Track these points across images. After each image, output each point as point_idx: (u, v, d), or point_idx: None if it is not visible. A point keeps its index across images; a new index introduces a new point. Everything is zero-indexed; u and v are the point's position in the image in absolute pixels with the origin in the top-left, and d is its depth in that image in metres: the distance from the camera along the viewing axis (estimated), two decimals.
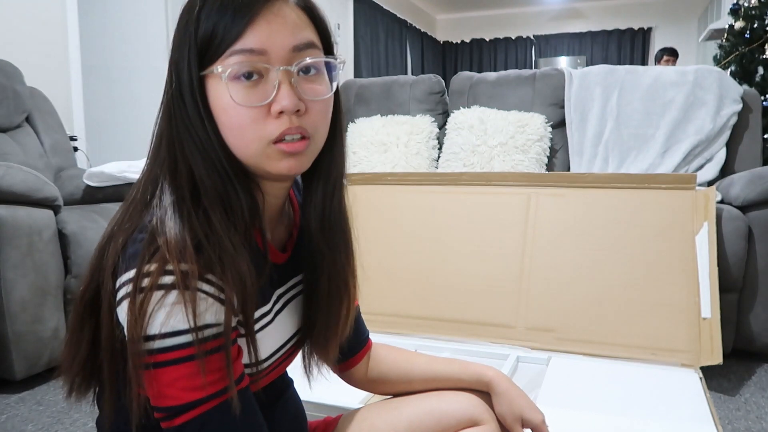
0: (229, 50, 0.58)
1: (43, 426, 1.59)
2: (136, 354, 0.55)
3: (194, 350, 0.55)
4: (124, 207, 0.63)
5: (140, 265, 0.55)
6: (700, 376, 1.50)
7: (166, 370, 0.55)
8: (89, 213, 2.06)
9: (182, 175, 0.61)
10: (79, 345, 0.65)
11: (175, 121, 0.61)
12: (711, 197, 1.79)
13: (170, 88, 0.61)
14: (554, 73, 2.74)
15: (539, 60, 8.70)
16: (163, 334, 0.54)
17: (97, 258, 0.63)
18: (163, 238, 0.56)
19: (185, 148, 0.61)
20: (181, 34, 0.61)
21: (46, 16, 2.90)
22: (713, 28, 4.90)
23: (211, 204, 0.60)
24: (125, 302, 0.55)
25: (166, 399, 0.56)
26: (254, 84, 0.59)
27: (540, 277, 1.82)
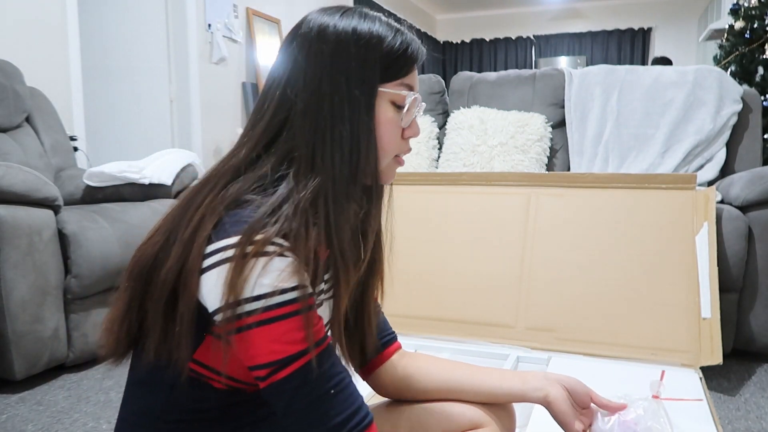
0: (399, 80, 0.73)
1: (43, 426, 1.59)
2: (236, 315, 0.60)
3: (299, 305, 0.62)
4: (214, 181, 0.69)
5: (249, 234, 0.61)
6: (700, 376, 1.50)
7: (275, 325, 0.61)
8: (89, 213, 2.06)
9: (308, 164, 0.68)
10: (126, 309, 0.70)
11: (333, 119, 0.69)
12: (711, 197, 1.79)
13: (336, 90, 0.70)
14: (554, 73, 2.74)
15: (539, 60, 8.69)
16: (272, 293, 0.61)
17: (171, 219, 0.69)
18: (271, 217, 0.64)
19: (333, 144, 0.69)
20: (362, 52, 0.71)
21: (46, 16, 2.90)
22: (713, 28, 4.90)
23: (332, 198, 0.69)
24: (225, 265, 0.61)
25: (272, 354, 0.62)
26: (402, 110, 0.74)
27: (540, 277, 1.82)
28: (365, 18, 0.73)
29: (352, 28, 0.71)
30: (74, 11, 3.05)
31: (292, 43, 0.73)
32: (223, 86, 4.22)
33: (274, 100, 0.71)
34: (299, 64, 0.71)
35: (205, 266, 0.63)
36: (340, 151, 0.69)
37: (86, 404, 1.73)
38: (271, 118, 0.71)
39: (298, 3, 5.14)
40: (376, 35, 0.72)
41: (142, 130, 3.91)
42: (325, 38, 0.71)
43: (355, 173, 0.70)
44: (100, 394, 1.79)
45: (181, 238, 0.65)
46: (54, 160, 2.52)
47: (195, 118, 3.96)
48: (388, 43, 0.72)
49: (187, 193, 0.71)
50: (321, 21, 0.72)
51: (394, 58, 0.72)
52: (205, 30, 4.02)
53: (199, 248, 0.63)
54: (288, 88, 0.71)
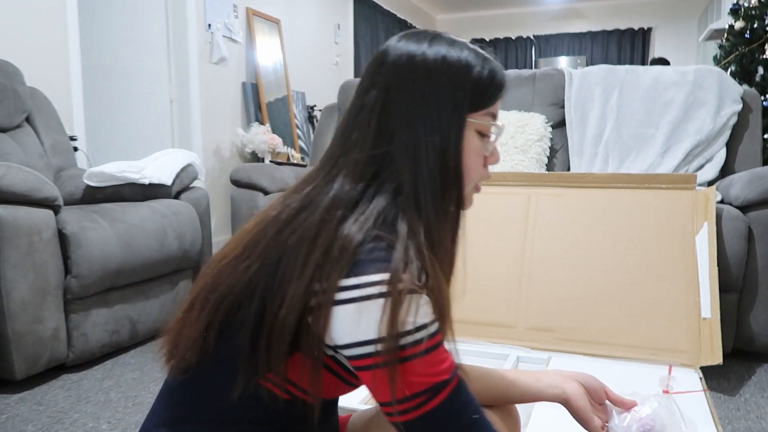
0: (485, 109, 0.73)
1: (43, 426, 1.59)
2: (391, 349, 0.62)
3: (440, 337, 0.66)
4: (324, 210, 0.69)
5: (397, 271, 0.63)
6: (700, 376, 1.50)
7: (428, 356, 0.64)
8: (89, 213, 2.06)
9: (414, 199, 0.70)
10: (205, 330, 0.69)
11: (427, 151, 0.70)
12: (711, 197, 1.79)
13: (428, 120, 0.70)
14: (554, 73, 2.74)
15: (539, 60, 8.69)
16: (425, 325, 0.64)
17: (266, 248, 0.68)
18: (406, 256, 0.66)
19: (431, 177, 0.70)
20: (452, 81, 0.71)
21: (46, 16, 2.90)
22: (713, 28, 4.90)
23: (436, 233, 0.71)
24: (377, 300, 0.62)
25: (422, 385, 0.64)
26: (488, 139, 0.76)
27: (540, 277, 1.82)
28: (453, 45, 0.73)
29: (441, 56, 0.71)
30: (74, 11, 3.05)
31: (381, 70, 0.73)
32: (223, 86, 4.22)
33: (369, 131, 0.71)
34: (392, 95, 0.71)
35: (343, 299, 0.63)
36: (435, 183, 0.70)
37: (86, 404, 1.73)
38: (372, 148, 0.71)
39: (298, 3, 5.14)
40: (465, 63, 0.72)
41: (142, 130, 3.91)
42: (415, 66, 0.71)
43: (448, 204, 0.72)
44: (100, 394, 1.79)
45: (301, 275, 0.64)
46: (54, 160, 2.52)
47: (195, 118, 3.96)
48: (477, 72, 0.72)
49: (275, 218, 0.70)
50: (410, 48, 0.72)
51: (482, 87, 0.72)
52: (205, 30, 4.02)
53: (330, 287, 0.63)
54: (383, 118, 0.71)
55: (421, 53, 0.72)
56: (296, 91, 4.97)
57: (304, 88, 5.13)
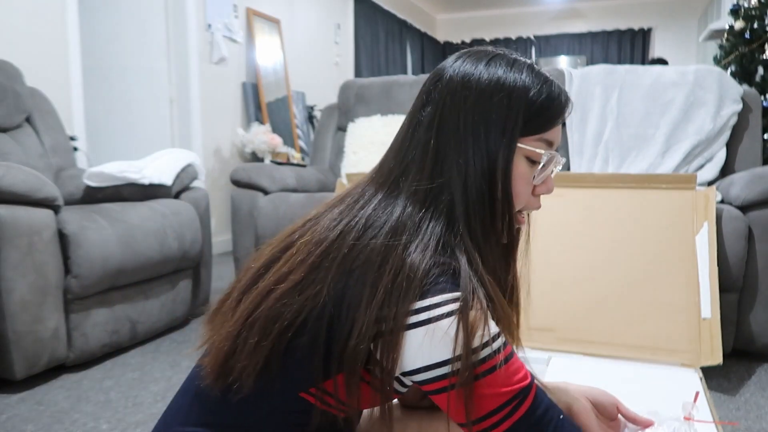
0: (539, 135, 0.71)
1: (43, 426, 1.59)
2: (469, 366, 0.62)
3: (510, 347, 0.67)
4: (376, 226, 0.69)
5: (465, 293, 0.64)
6: (700, 376, 1.50)
7: (503, 369, 0.64)
8: (89, 213, 2.06)
9: (468, 225, 0.70)
10: (265, 364, 0.67)
11: (475, 175, 0.69)
12: (711, 197, 1.79)
13: (476, 141, 0.69)
14: (554, 73, 2.74)
15: (539, 60, 8.69)
16: (494, 338, 0.64)
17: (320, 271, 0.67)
18: (463, 273, 0.66)
19: (479, 195, 0.70)
20: (505, 102, 0.69)
21: (46, 16, 2.90)
22: (713, 28, 4.90)
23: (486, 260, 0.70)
24: (451, 318, 0.62)
25: (502, 396, 0.63)
26: (537, 166, 0.73)
27: (540, 277, 1.82)
28: (513, 66, 0.71)
29: (496, 77, 0.70)
30: (74, 11, 3.05)
31: (437, 87, 0.72)
32: (223, 86, 4.22)
33: (427, 151, 0.70)
34: (446, 114, 0.70)
35: (414, 322, 0.63)
36: (483, 206, 0.69)
37: (86, 404, 1.73)
38: (431, 171, 0.70)
39: (298, 3, 5.14)
40: (521, 86, 0.70)
41: (142, 130, 3.91)
42: (469, 85, 0.70)
43: (497, 226, 0.72)
44: (100, 394, 1.79)
45: (369, 302, 0.63)
46: (54, 160, 2.52)
47: (195, 118, 3.96)
48: (533, 96, 0.70)
49: (334, 240, 0.68)
50: (467, 68, 0.71)
51: (537, 111, 0.70)
52: (205, 30, 4.02)
53: (401, 312, 0.63)
54: (439, 138, 0.70)
55: (477, 73, 0.70)
56: (296, 91, 4.97)
57: (304, 88, 5.13)
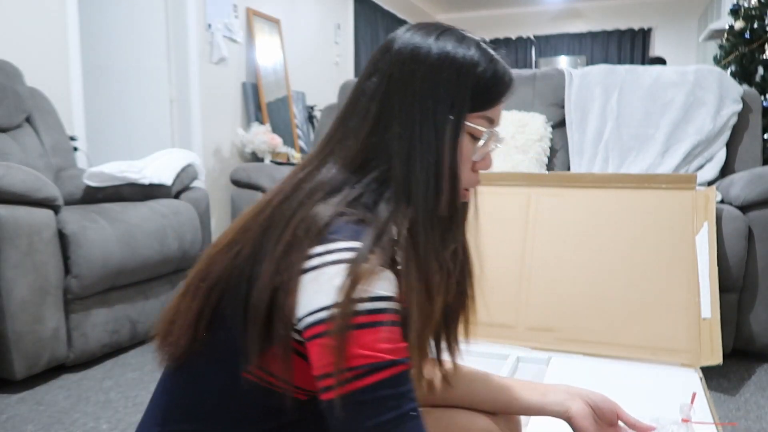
0: (482, 112, 0.71)
1: (43, 426, 1.59)
2: (344, 314, 0.59)
3: (398, 317, 0.62)
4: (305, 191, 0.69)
5: (365, 244, 0.62)
6: (700, 376, 1.50)
7: (378, 329, 0.60)
8: (89, 213, 2.06)
9: (404, 191, 0.68)
10: (197, 317, 0.69)
11: (422, 146, 0.68)
12: (711, 197, 1.79)
13: (425, 115, 0.69)
14: (554, 73, 2.74)
15: (539, 60, 8.69)
16: (383, 297, 0.61)
17: (252, 226, 0.68)
18: (375, 229, 0.64)
19: (422, 171, 0.68)
20: (453, 78, 0.69)
21: (46, 16, 2.90)
22: (713, 28, 4.90)
23: (423, 228, 0.68)
24: (340, 265, 0.61)
25: (366, 358, 0.60)
26: (478, 143, 0.73)
27: (540, 277, 1.82)
28: (462, 41, 0.70)
29: (446, 52, 0.69)
30: (74, 11, 3.05)
31: (385, 57, 0.71)
32: (223, 86, 4.22)
33: (367, 118, 0.70)
34: (393, 84, 0.70)
35: (308, 267, 0.62)
36: (426, 179, 0.68)
37: (86, 404, 1.73)
38: (366, 137, 0.70)
39: (298, 3, 5.14)
40: (469, 61, 0.69)
41: (142, 130, 3.90)
42: (418, 59, 0.69)
43: (439, 202, 0.69)
44: (100, 394, 1.79)
45: (272, 255, 0.64)
46: (54, 160, 2.52)
47: (195, 118, 3.95)
48: (480, 72, 0.70)
49: (266, 204, 0.69)
50: (416, 41, 0.70)
51: (484, 88, 0.70)
52: (205, 30, 4.02)
53: (299, 257, 0.62)
54: (382, 107, 0.70)
55: (426, 46, 0.70)
56: (296, 91, 4.97)
57: (304, 88, 5.12)
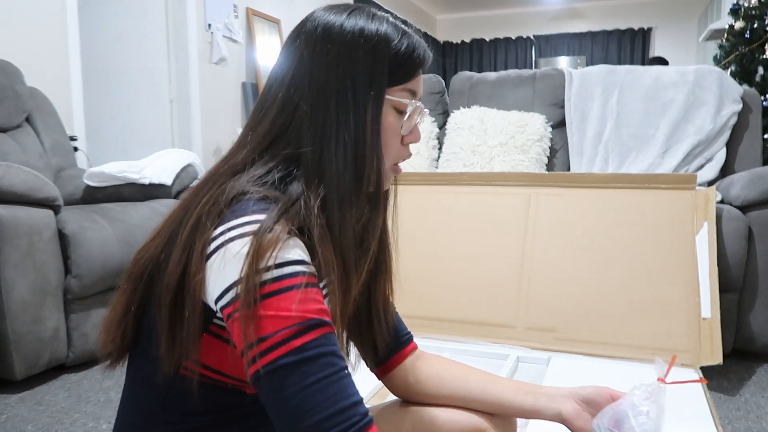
0: (403, 85, 0.71)
1: (43, 426, 1.59)
2: (254, 284, 0.58)
3: (311, 278, 0.61)
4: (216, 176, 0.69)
5: (268, 217, 0.61)
6: (700, 376, 1.50)
7: (293, 293, 0.59)
8: (89, 213, 2.06)
9: (315, 169, 0.67)
10: (124, 312, 0.69)
11: (338, 124, 0.68)
12: (711, 197, 1.79)
13: (342, 93, 0.68)
14: (554, 73, 2.74)
15: (539, 60, 8.69)
16: (289, 262, 0.60)
17: (172, 220, 0.68)
18: (280, 203, 0.64)
19: (337, 149, 0.67)
20: (370, 52, 0.69)
21: (46, 16, 2.90)
22: (713, 28, 4.90)
23: (337, 204, 0.67)
24: (243, 239, 0.60)
25: (282, 321, 0.58)
26: (404, 117, 0.72)
27: (540, 277, 1.82)
28: (373, 18, 0.70)
29: (359, 29, 0.69)
30: (74, 11, 3.05)
31: (296, 41, 0.71)
32: (223, 86, 4.22)
33: (276, 100, 0.70)
34: (304, 64, 0.69)
35: (212, 249, 0.61)
36: (344, 156, 0.67)
37: (86, 404, 1.73)
38: (274, 119, 0.69)
39: (298, 3, 5.14)
40: (384, 37, 0.69)
41: (142, 130, 3.90)
42: (331, 38, 0.68)
43: (360, 180, 0.68)
44: (100, 394, 1.79)
45: (180, 240, 0.64)
46: (54, 160, 2.52)
47: (195, 118, 3.96)
48: (395, 46, 0.70)
49: (187, 194, 0.70)
50: (327, 19, 0.70)
51: (400, 62, 0.70)
52: (205, 30, 4.02)
53: (202, 240, 0.61)
54: (292, 88, 0.69)
55: (339, 24, 0.69)
56: None
57: None
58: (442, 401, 0.85)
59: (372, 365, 0.87)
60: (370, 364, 0.87)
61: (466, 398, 0.84)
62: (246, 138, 0.71)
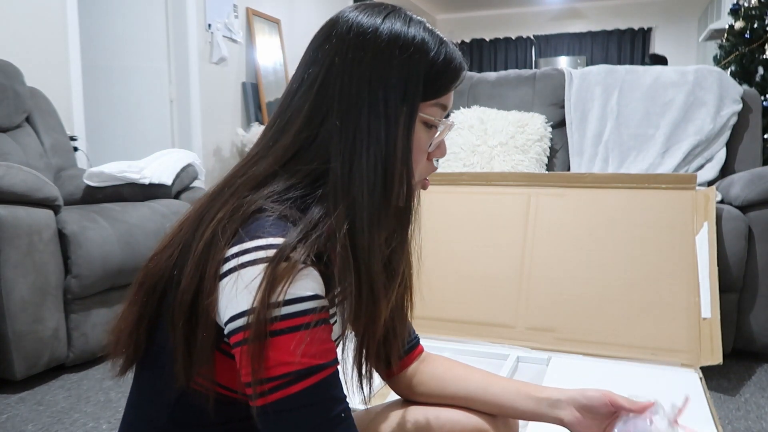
0: (436, 100, 0.67)
1: (43, 426, 1.59)
2: (261, 321, 0.56)
3: (322, 316, 0.58)
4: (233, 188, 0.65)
5: (287, 241, 0.58)
6: (700, 376, 1.50)
7: (292, 335, 0.57)
8: (89, 213, 2.06)
9: (343, 186, 0.63)
10: (137, 323, 0.67)
11: (369, 138, 0.63)
12: (711, 197, 1.79)
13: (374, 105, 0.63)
14: (554, 73, 2.74)
15: (539, 60, 8.69)
16: (301, 299, 0.57)
17: (185, 229, 0.65)
18: (301, 225, 0.60)
19: (368, 165, 0.63)
20: (406, 64, 0.64)
21: (46, 16, 2.90)
22: (713, 28, 4.91)
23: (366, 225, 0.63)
24: (256, 266, 0.57)
25: (288, 366, 0.57)
26: (435, 133, 0.69)
27: (540, 277, 1.82)
28: (410, 24, 0.65)
29: (395, 35, 0.64)
30: (74, 11, 3.05)
31: (326, 44, 0.65)
32: (223, 86, 4.22)
33: (303, 110, 0.65)
34: (334, 72, 0.64)
35: (225, 270, 0.58)
36: (374, 174, 0.63)
37: (86, 404, 1.73)
38: (299, 131, 0.65)
39: (298, 3, 5.14)
40: (420, 46, 0.64)
41: (142, 130, 3.90)
42: (365, 44, 0.63)
43: (389, 199, 0.64)
44: (100, 394, 1.79)
45: (193, 256, 0.61)
46: (54, 160, 2.52)
47: (195, 118, 3.96)
48: (432, 57, 0.65)
49: (201, 202, 0.67)
50: (361, 22, 0.64)
51: (436, 75, 0.66)
52: (205, 30, 4.02)
53: (216, 260, 0.59)
54: (320, 98, 0.64)
55: (373, 29, 0.64)
56: None
57: None
58: (445, 401, 0.85)
59: (382, 374, 0.87)
60: (381, 374, 0.86)
61: (467, 399, 0.84)
62: (267, 147, 0.67)
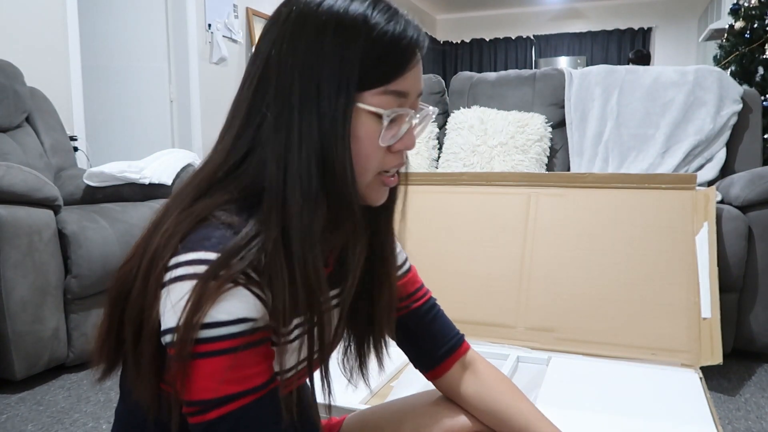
0: (383, 87, 0.58)
1: (43, 426, 1.59)
2: (184, 341, 0.53)
3: (246, 339, 0.54)
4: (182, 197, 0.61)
5: (225, 255, 0.54)
6: (700, 376, 1.50)
7: (215, 360, 0.54)
8: (89, 213, 2.06)
9: (279, 190, 0.58)
10: (107, 333, 0.65)
11: (300, 136, 0.57)
12: (711, 197, 1.79)
13: (305, 99, 0.57)
14: (554, 73, 2.74)
15: (539, 60, 8.69)
16: (231, 321, 0.54)
17: (145, 240, 0.62)
18: (245, 246, 0.56)
19: (300, 166, 0.57)
20: (339, 50, 0.56)
21: (46, 16, 2.90)
22: (713, 28, 4.91)
23: (302, 230, 0.57)
24: (189, 282, 0.54)
25: (203, 392, 0.54)
26: (393, 123, 0.60)
27: (540, 277, 1.82)
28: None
29: (332, 15, 0.56)
30: (74, 11, 3.05)
31: (268, 33, 0.60)
32: (223, 86, 4.22)
33: (242, 109, 0.60)
34: (271, 66, 0.58)
35: (163, 282, 0.56)
36: (307, 175, 0.57)
37: (86, 404, 1.73)
38: (238, 133, 0.60)
39: None
40: (359, 25, 0.56)
41: (142, 130, 3.91)
42: (302, 30, 0.57)
43: (331, 200, 0.59)
44: (100, 394, 1.79)
45: (141, 268, 0.58)
46: (54, 160, 2.52)
47: (195, 118, 3.96)
48: (375, 36, 0.56)
49: (159, 211, 0.63)
50: (304, 3, 0.58)
51: (379, 57, 0.57)
52: (205, 30, 4.02)
53: (157, 271, 0.56)
54: (258, 94, 0.59)
55: (313, 11, 0.57)
56: None
57: None
58: (479, 417, 0.83)
59: (422, 371, 0.85)
60: (421, 371, 0.85)
61: (499, 425, 0.82)
62: (214, 151, 0.63)
